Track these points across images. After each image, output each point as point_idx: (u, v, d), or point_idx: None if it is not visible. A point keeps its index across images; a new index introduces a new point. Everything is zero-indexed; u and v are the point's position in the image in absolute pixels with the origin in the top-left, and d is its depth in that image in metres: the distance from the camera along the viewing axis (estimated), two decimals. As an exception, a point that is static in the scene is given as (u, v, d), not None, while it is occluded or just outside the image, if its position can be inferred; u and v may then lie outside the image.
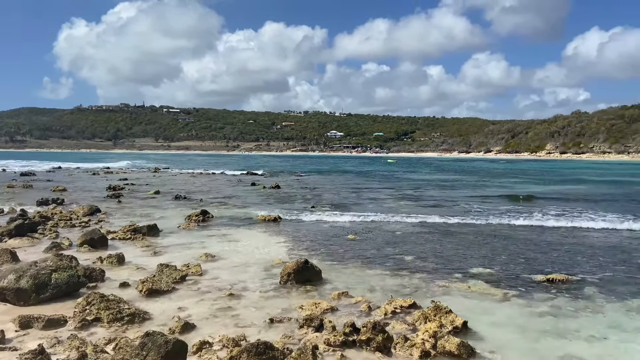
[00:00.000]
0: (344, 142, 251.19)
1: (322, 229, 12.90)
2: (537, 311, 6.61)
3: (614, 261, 9.53)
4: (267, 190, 24.88)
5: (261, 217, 14.55)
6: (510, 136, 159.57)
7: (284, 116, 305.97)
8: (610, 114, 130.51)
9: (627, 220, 14.50)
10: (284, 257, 9.40)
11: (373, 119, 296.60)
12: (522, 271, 8.70)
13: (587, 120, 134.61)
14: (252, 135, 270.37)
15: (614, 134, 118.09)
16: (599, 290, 7.50)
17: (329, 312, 6.33)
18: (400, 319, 6.16)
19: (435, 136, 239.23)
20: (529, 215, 15.71)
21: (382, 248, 10.62)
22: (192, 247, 10.45)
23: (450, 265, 9.05)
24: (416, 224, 13.92)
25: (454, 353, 4.98)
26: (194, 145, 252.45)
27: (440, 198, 22.15)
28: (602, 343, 5.51)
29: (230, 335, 5.30)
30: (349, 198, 21.79)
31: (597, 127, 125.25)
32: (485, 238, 11.91)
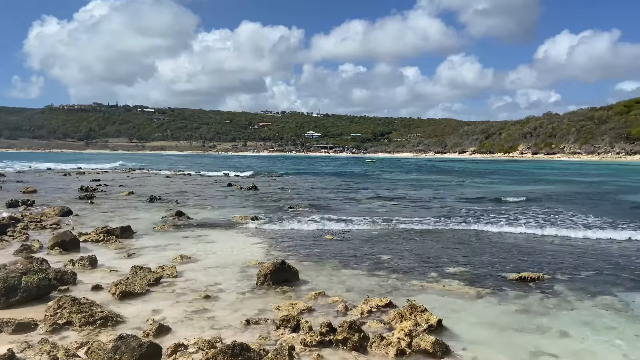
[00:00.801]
0: (322, 142, 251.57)
1: (300, 229, 12.89)
2: (510, 309, 6.74)
3: (585, 259, 9.79)
4: (244, 191, 24.75)
5: (237, 217, 14.46)
6: (485, 137, 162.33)
7: (261, 116, 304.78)
8: (580, 115, 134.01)
9: (598, 221, 14.90)
10: (261, 258, 9.36)
11: (350, 120, 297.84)
12: (496, 270, 8.86)
13: (558, 121, 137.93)
14: (229, 135, 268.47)
15: (584, 135, 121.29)
16: (569, 288, 7.69)
17: (306, 312, 6.33)
18: (376, 318, 6.21)
19: (412, 137, 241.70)
20: (503, 215, 16.01)
21: (359, 248, 10.67)
22: (167, 248, 10.32)
23: (426, 265, 9.16)
24: (393, 223, 14.03)
25: (428, 351, 5.04)
26: (169, 145, 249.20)
27: (418, 198, 22.38)
28: (572, 339, 5.65)
29: (205, 338, 5.25)
30: (327, 198, 21.83)
31: (568, 128, 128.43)
32: (461, 238, 12.09)
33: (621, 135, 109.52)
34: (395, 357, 4.95)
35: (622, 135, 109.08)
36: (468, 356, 5.13)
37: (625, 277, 8.36)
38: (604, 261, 9.58)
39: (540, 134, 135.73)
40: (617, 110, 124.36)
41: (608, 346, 5.45)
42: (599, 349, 5.36)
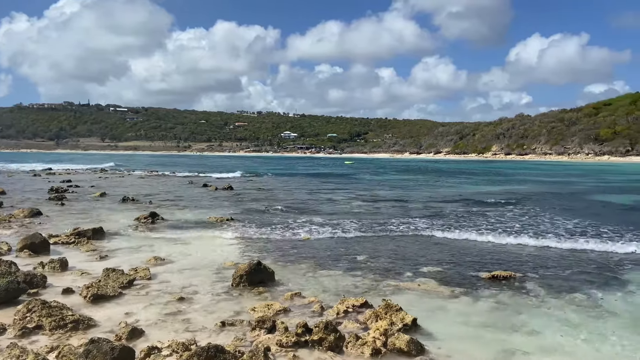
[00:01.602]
0: (298, 142, 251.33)
1: (276, 229, 12.85)
2: (483, 307, 6.86)
3: (555, 257, 10.03)
4: (220, 192, 24.54)
5: (213, 218, 14.34)
6: (459, 138, 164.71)
7: (237, 116, 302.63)
8: (551, 117, 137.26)
9: (569, 220, 15.30)
10: (236, 259, 9.30)
11: (327, 120, 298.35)
12: (469, 269, 9.00)
13: (529, 123, 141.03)
14: (204, 135, 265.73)
15: (554, 136, 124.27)
16: (540, 286, 7.87)
17: (282, 313, 6.32)
18: (352, 318, 6.24)
19: (388, 137, 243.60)
20: (480, 215, 16.29)
21: (336, 248, 10.71)
22: (141, 250, 10.16)
23: (402, 265, 9.24)
24: (370, 224, 14.11)
25: (403, 350, 5.09)
26: (143, 145, 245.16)
27: (395, 198, 22.57)
28: (543, 336, 5.78)
29: (180, 340, 5.19)
30: (304, 199, 21.83)
31: (539, 130, 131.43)
32: (437, 238, 12.23)
33: (590, 136, 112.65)
34: (370, 357, 4.99)
35: (591, 137, 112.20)
36: (442, 354, 5.21)
37: (593, 275, 8.59)
38: (574, 259, 9.82)
39: (513, 135, 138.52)
40: (586, 112, 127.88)
41: (577, 342, 5.60)
42: (568, 346, 5.50)
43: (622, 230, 13.07)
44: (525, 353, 5.27)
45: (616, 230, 13.17)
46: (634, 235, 12.28)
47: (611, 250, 10.61)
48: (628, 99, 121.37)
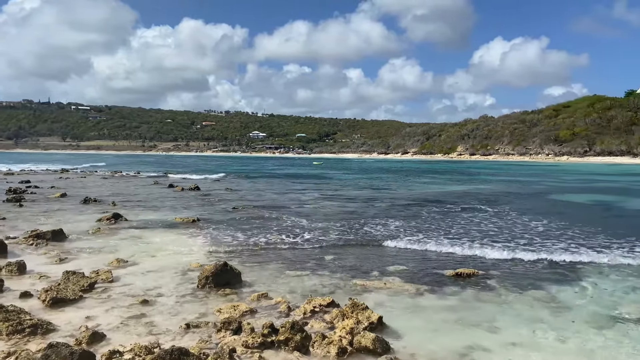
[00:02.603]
0: (267, 142, 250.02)
1: (243, 230, 12.75)
2: (447, 304, 7.00)
3: (512, 252, 10.29)
4: (186, 192, 24.16)
5: (179, 219, 14.11)
6: (425, 138, 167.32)
7: (204, 116, 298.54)
8: (513, 118, 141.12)
9: (524, 216, 15.78)
10: (203, 260, 9.19)
11: (295, 120, 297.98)
12: (434, 267, 9.16)
13: (493, 124, 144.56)
14: (170, 135, 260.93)
15: (517, 137, 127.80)
16: (502, 283, 8.08)
17: (248, 314, 6.28)
18: (319, 317, 6.26)
19: (356, 138, 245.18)
20: (445, 215, 16.60)
21: (303, 248, 10.71)
22: (103, 252, 9.90)
23: (368, 264, 9.33)
24: (337, 223, 14.17)
25: (369, 348, 5.14)
26: (107, 145, 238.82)
27: (362, 198, 22.74)
28: (504, 332, 5.94)
29: (142, 343, 5.09)
30: (273, 199, 21.74)
31: (502, 131, 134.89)
32: (399, 232, 12.37)
33: (550, 137, 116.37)
34: (336, 356, 5.01)
35: (551, 138, 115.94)
36: (407, 352, 5.28)
37: (553, 272, 8.88)
38: (535, 258, 10.11)
39: (477, 136, 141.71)
40: (546, 114, 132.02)
41: (538, 337, 5.77)
42: (529, 341, 5.67)
43: (582, 230, 13.55)
44: (487, 350, 5.40)
45: (576, 229, 13.65)
46: (592, 234, 12.77)
47: (568, 249, 10.97)
48: (586, 102, 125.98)
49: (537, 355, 5.28)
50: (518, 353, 5.32)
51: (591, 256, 9.97)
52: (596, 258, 9.82)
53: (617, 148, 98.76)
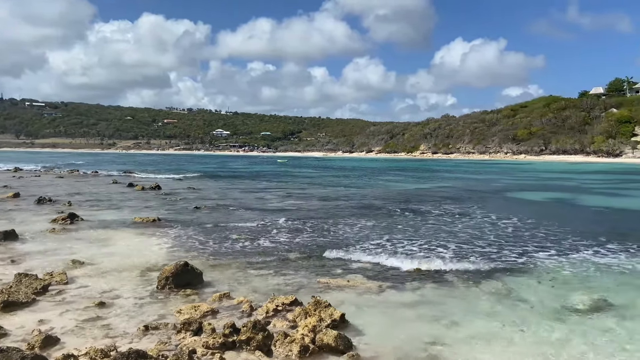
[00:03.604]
0: (231, 141, 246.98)
1: (205, 230, 12.56)
2: (409, 300, 7.10)
3: (470, 248, 10.54)
4: (147, 192, 23.60)
5: (138, 219, 13.75)
6: (389, 137, 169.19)
7: (166, 113, 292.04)
8: (474, 118, 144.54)
9: (489, 214, 16.20)
10: (163, 260, 8.99)
11: (260, 118, 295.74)
12: (396, 262, 9.26)
13: (454, 123, 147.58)
14: (131, 132, 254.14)
15: (477, 136, 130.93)
16: (460, 277, 8.26)
17: (210, 314, 6.18)
18: (281, 316, 6.22)
19: (321, 136, 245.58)
20: (404, 210, 16.84)
21: (267, 247, 10.64)
22: (58, 253, 9.54)
23: (332, 261, 9.35)
24: (301, 222, 14.16)
25: (331, 345, 5.15)
26: (63, 142, 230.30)
27: (328, 197, 22.81)
28: (462, 327, 6.06)
29: (98, 347, 4.93)
30: (236, 198, 21.51)
31: (463, 130, 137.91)
32: (360, 230, 12.47)
33: (509, 136, 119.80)
34: (299, 354, 4.99)
35: (510, 137, 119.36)
36: (370, 349, 5.32)
37: (510, 267, 9.13)
38: (492, 248, 10.39)
39: (439, 135, 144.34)
40: (505, 113, 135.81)
41: (496, 330, 5.92)
42: (488, 333, 5.81)
43: (539, 227, 14.02)
44: (447, 343, 5.50)
45: (532, 226, 14.11)
46: (546, 230, 13.23)
47: (525, 245, 11.33)
48: (542, 102, 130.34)
49: (496, 347, 5.41)
50: (478, 346, 5.44)
51: (546, 253, 10.32)
52: (551, 254, 10.18)
53: (571, 147, 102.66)
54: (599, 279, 8.23)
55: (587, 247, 10.73)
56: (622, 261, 9.44)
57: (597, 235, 12.06)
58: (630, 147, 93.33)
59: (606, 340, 5.60)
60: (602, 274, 8.50)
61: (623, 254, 10.01)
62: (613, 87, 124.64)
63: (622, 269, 8.85)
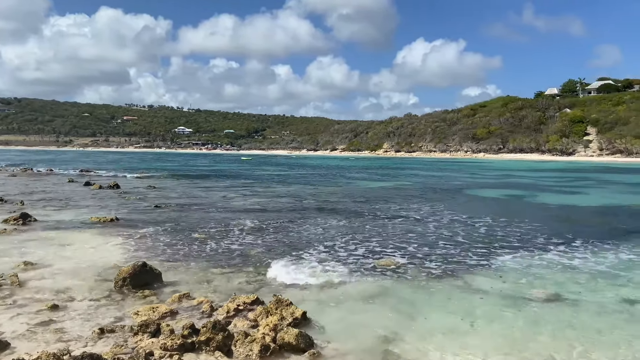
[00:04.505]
0: (193, 138, 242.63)
1: (166, 229, 12.30)
2: (370, 295, 7.18)
3: (432, 244, 10.76)
4: (105, 190, 22.92)
5: (95, 218, 13.34)
6: (353, 135, 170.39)
7: (125, 110, 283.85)
8: (435, 117, 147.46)
9: (446, 211, 16.55)
10: (120, 261, 8.76)
11: (223, 116, 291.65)
12: (359, 258, 9.36)
13: (416, 122, 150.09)
14: (88, 129, 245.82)
15: (438, 135, 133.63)
16: (421, 272, 8.41)
17: (169, 316, 6.06)
18: (243, 316, 6.17)
19: (286, 134, 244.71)
20: (365, 207, 17.00)
21: (228, 246, 10.53)
22: (9, 254, 9.14)
23: (293, 257, 9.33)
24: (264, 221, 14.08)
25: (292, 344, 5.14)
26: (16, 140, 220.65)
27: (290, 195, 22.77)
28: (420, 322, 6.18)
29: (51, 351, 4.75)
30: (198, 196, 21.18)
31: (425, 129, 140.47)
32: (325, 229, 12.52)
33: (468, 135, 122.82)
34: (259, 353, 4.96)
35: (469, 136, 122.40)
36: (331, 346, 5.34)
37: (469, 262, 9.36)
38: (452, 245, 10.63)
39: (402, 134, 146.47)
40: (465, 113, 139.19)
41: (456, 322, 6.05)
42: (448, 325, 5.93)
43: (496, 223, 14.44)
44: (403, 340, 5.58)
45: (492, 223, 14.52)
46: (504, 227, 13.65)
47: (482, 240, 11.65)
48: (500, 102, 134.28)
49: (452, 339, 5.54)
50: (435, 339, 5.55)
51: (503, 249, 10.65)
52: (507, 251, 10.51)
53: (528, 145, 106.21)
54: (552, 273, 8.53)
55: (542, 244, 11.13)
56: (575, 256, 9.82)
57: (552, 232, 12.53)
58: (583, 146, 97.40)
59: (557, 330, 5.82)
60: (556, 269, 8.83)
61: (576, 250, 10.41)
62: (567, 88, 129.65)
63: (574, 264, 9.21)
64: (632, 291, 7.40)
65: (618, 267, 8.85)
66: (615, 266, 8.95)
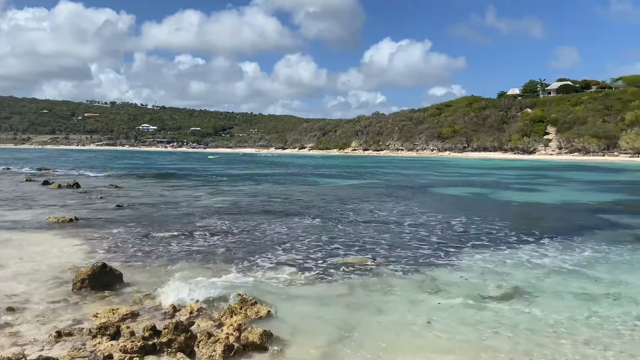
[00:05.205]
0: (158, 136, 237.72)
1: (128, 229, 12.00)
2: (336, 292, 7.21)
3: (400, 242, 10.89)
4: (64, 190, 22.19)
5: (53, 219, 12.90)
6: (322, 134, 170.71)
7: (87, 106, 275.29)
8: (402, 116, 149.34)
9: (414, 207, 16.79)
10: (79, 262, 8.49)
11: (189, 113, 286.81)
12: (324, 256, 9.38)
13: (384, 121, 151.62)
14: (47, 126, 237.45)
15: (405, 134, 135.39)
16: (387, 269, 8.50)
17: (129, 317, 5.92)
18: (206, 316, 6.09)
19: (253, 132, 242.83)
20: (332, 204, 17.06)
21: (192, 244, 10.38)
22: (-41, 258, 8.74)
23: (259, 256, 9.29)
24: (228, 218, 13.94)
25: (256, 343, 5.10)
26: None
27: (257, 193, 22.61)
28: (387, 316, 6.24)
29: (5, 355, 4.57)
30: (162, 195, 20.78)
31: (392, 127, 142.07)
32: (291, 228, 12.49)
33: (434, 134, 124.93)
34: (222, 354, 4.90)
35: (435, 135, 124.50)
36: (295, 344, 5.32)
37: (430, 254, 9.51)
38: (417, 243, 10.78)
39: (370, 132, 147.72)
40: (431, 112, 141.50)
41: (418, 318, 6.13)
42: (400, 327, 5.99)
43: (461, 220, 14.73)
44: (369, 335, 5.63)
45: (455, 219, 14.80)
46: (466, 224, 13.95)
47: (448, 237, 11.87)
48: (464, 102, 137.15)
49: (414, 336, 5.62)
50: (396, 336, 5.61)
51: (465, 246, 10.88)
52: (469, 248, 10.74)
53: (491, 144, 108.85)
54: (515, 270, 8.71)
55: (507, 241, 11.39)
56: (534, 253, 10.10)
57: (516, 229, 12.84)
58: (543, 144, 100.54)
59: (517, 329, 5.98)
60: (518, 266, 9.02)
61: (535, 246, 10.69)
62: (528, 89, 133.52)
63: (536, 261, 9.45)
64: (593, 287, 7.61)
65: (580, 264, 9.00)
66: (577, 263, 9.10)
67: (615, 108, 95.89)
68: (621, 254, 9.89)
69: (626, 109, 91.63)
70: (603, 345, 5.41)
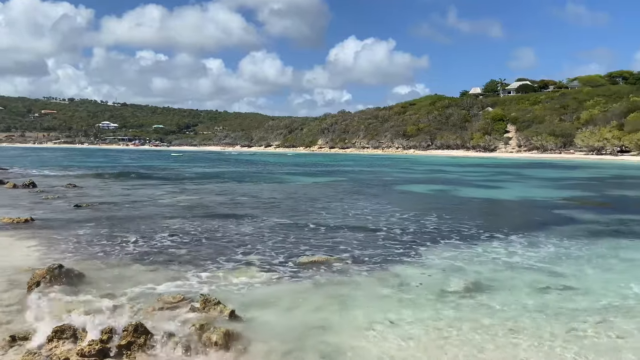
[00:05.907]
0: (119, 134, 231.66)
1: (86, 230, 11.63)
2: (302, 290, 7.22)
3: (364, 238, 10.98)
4: (19, 190, 21.32)
5: (7, 219, 12.37)
6: (288, 132, 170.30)
7: (44, 103, 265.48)
8: (368, 114, 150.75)
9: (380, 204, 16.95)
10: (35, 264, 8.18)
11: (152, 110, 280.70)
12: (290, 255, 9.37)
13: (350, 119, 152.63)
14: (2, 124, 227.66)
15: (371, 132, 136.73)
16: (355, 266, 8.56)
17: (87, 320, 5.73)
18: (168, 317, 5.97)
19: (219, 130, 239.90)
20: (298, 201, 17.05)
21: (155, 243, 10.18)
22: None
23: (223, 256, 9.19)
24: (191, 218, 13.73)
25: (219, 343, 5.05)
26: None
27: (221, 192, 22.37)
28: (353, 314, 6.29)
29: (-49, 365, 4.36)
30: (122, 194, 20.27)
31: (358, 125, 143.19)
32: (257, 227, 12.41)
33: (399, 132, 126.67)
34: (183, 354, 4.82)
35: (400, 132, 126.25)
36: (258, 343, 5.29)
37: (394, 251, 9.63)
38: (382, 240, 10.89)
39: (336, 130, 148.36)
40: (395, 110, 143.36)
41: (374, 320, 6.16)
42: (372, 321, 6.06)
43: (426, 216, 14.98)
44: (336, 332, 5.66)
45: (420, 216, 15.05)
46: (430, 221, 14.21)
47: (412, 234, 12.05)
48: (428, 100, 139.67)
49: (379, 333, 5.68)
50: (365, 332, 5.66)
51: (429, 242, 11.08)
52: (432, 244, 10.94)
53: (454, 142, 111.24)
54: (476, 266, 8.90)
55: (469, 237, 11.66)
56: (495, 248, 10.37)
57: (477, 225, 13.15)
58: (503, 142, 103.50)
59: (477, 324, 6.12)
60: (480, 262, 9.22)
61: (502, 243, 10.89)
62: (489, 88, 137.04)
63: (495, 256, 9.71)
64: (550, 280, 7.86)
65: (541, 259, 9.24)
66: (540, 258, 9.32)
67: (571, 107, 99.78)
68: (580, 248, 10.26)
69: (581, 108, 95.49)
70: (563, 339, 5.61)
